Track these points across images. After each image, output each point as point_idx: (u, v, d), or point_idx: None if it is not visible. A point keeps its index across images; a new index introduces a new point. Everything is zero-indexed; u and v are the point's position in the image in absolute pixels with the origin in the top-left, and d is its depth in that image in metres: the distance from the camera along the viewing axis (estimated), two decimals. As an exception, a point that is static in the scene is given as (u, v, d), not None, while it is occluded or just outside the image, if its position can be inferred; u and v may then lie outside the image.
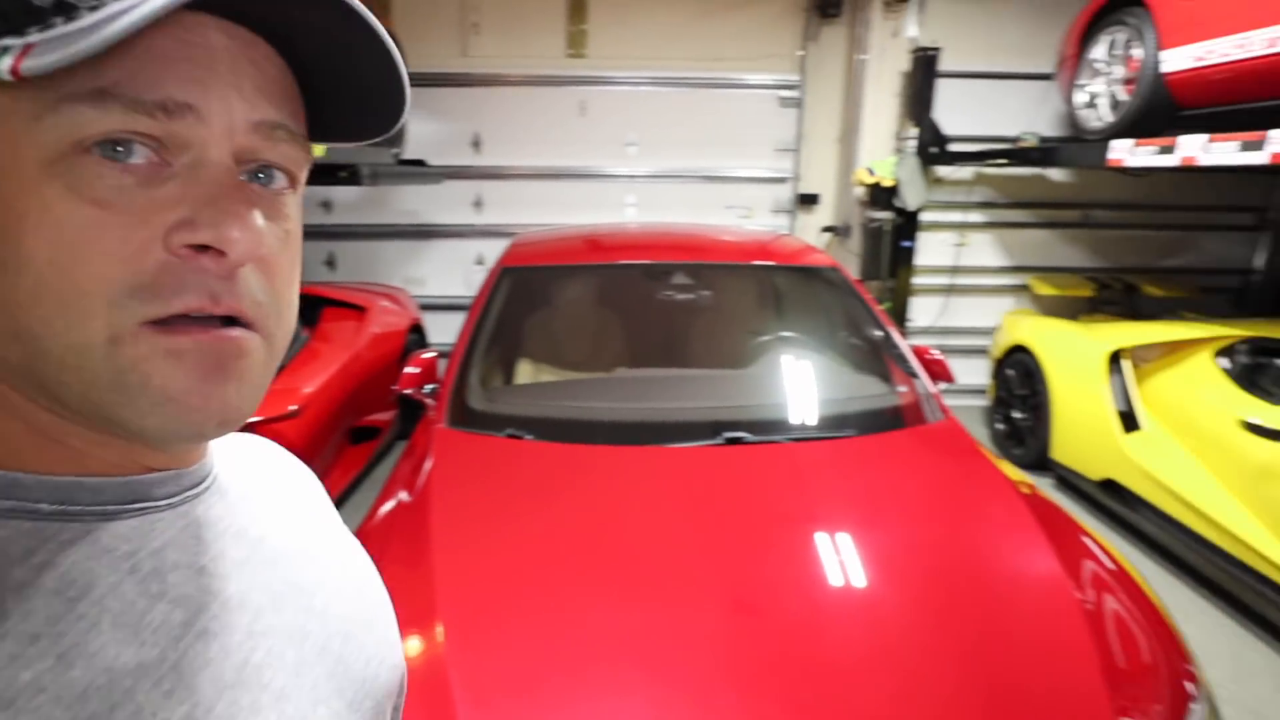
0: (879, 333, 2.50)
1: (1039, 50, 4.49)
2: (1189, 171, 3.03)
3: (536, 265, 2.77)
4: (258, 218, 0.36)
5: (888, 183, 4.50)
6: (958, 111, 4.67)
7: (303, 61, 0.39)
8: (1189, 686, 1.34)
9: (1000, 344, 4.28)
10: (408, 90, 0.40)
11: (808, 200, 5.07)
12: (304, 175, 0.41)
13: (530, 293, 2.73)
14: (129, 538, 0.38)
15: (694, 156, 4.94)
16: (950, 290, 5.03)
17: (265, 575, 0.44)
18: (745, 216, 5.04)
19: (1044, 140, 4.39)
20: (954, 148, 4.66)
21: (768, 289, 3.09)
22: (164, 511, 0.40)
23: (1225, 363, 3.09)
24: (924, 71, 4.52)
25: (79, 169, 0.32)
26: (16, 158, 0.32)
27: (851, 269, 4.92)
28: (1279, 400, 2.73)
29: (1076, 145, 3.87)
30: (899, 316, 4.89)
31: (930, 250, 4.98)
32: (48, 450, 0.37)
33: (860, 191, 4.82)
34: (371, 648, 0.49)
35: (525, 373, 2.53)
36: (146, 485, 0.39)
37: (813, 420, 2.17)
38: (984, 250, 5.02)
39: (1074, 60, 3.86)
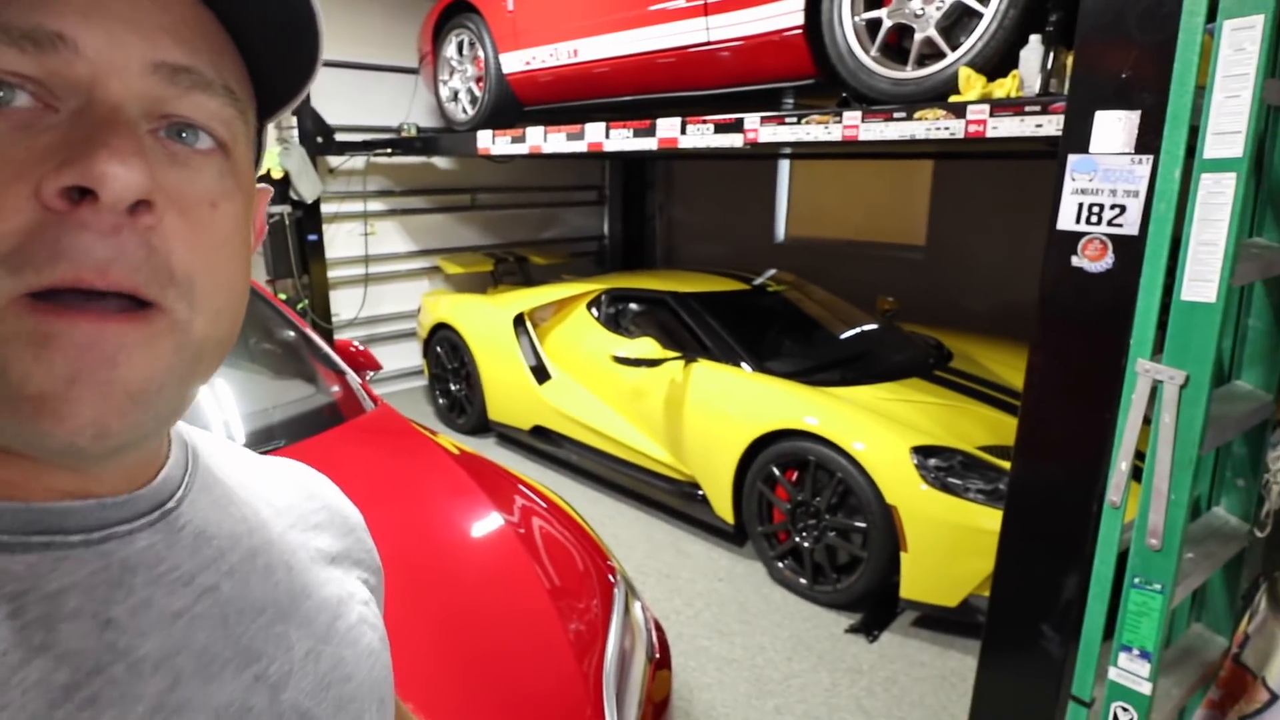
0: (292, 334, 2.35)
1: (402, 44, 4.75)
2: (539, 158, 3.59)
3: None
4: (154, 165, 0.30)
5: (277, 174, 4.25)
6: (339, 101, 4.64)
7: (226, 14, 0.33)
8: (610, 578, 1.63)
9: (424, 324, 4.51)
10: (321, 25, 0.35)
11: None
12: (242, 143, 0.35)
13: None
14: (20, 577, 0.31)
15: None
16: (368, 280, 5.07)
17: (204, 635, 0.36)
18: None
19: (422, 131, 4.69)
20: (341, 137, 4.64)
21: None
22: (76, 549, 0.33)
23: (595, 312, 3.82)
24: (295, 58, 4.35)
25: None
26: None
27: (256, 271, 4.54)
28: (634, 335, 3.50)
29: (451, 136, 4.22)
30: (322, 312, 4.73)
31: (341, 242, 4.92)
32: None
33: (252, 185, 4.45)
34: None
35: None
36: (56, 515, 0.33)
37: (242, 439, 1.94)
38: (392, 237, 5.18)
39: (432, 57, 4.18)
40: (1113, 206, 1.36)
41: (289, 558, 0.44)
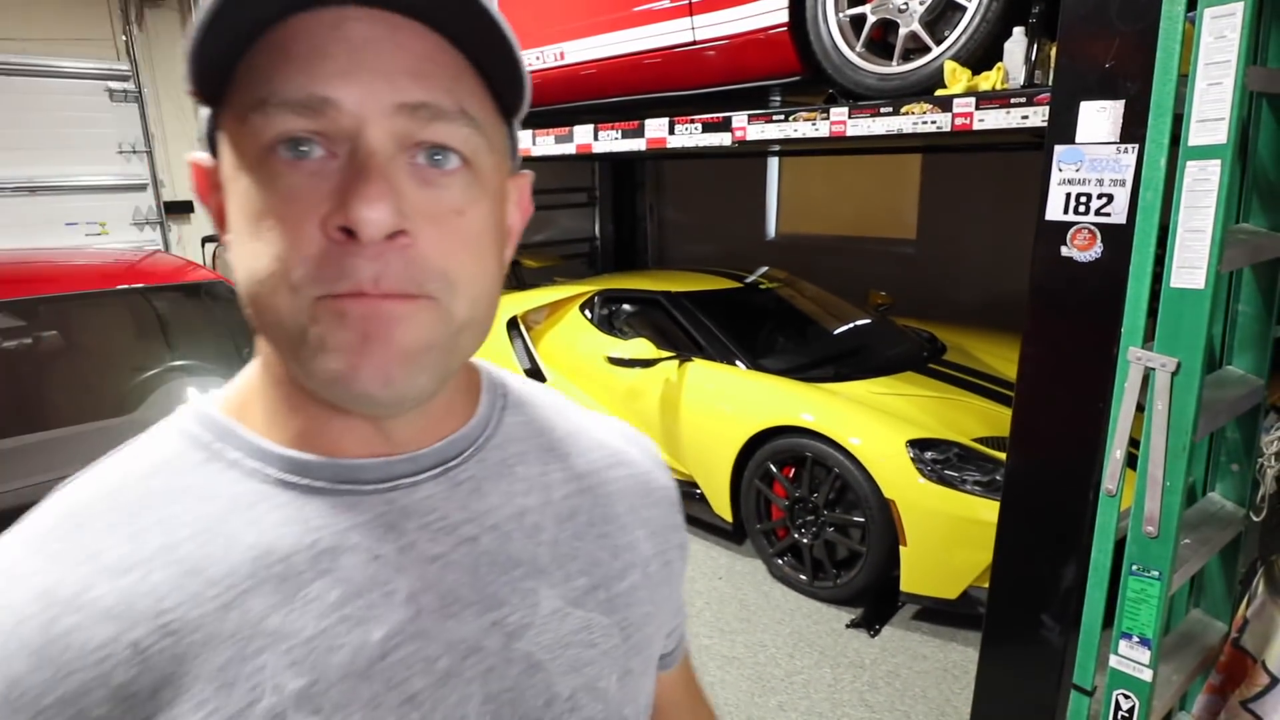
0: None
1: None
2: (528, 160, 3.58)
3: None
4: (404, 201, 0.37)
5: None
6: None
7: (463, 43, 0.39)
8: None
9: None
10: (523, 62, 0.41)
11: (179, 209, 4.46)
12: (483, 154, 0.40)
13: None
14: (325, 514, 0.41)
15: (15, 164, 3.85)
16: (362, 287, 5.06)
17: (452, 578, 0.43)
18: (98, 233, 4.17)
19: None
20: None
21: (147, 316, 2.64)
22: (368, 496, 0.43)
23: (589, 313, 3.82)
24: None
25: (268, 167, 0.37)
26: (240, 162, 0.38)
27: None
28: (628, 336, 3.50)
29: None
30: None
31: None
32: (311, 434, 0.43)
33: (241, 196, 4.45)
34: (565, 692, 0.45)
35: None
36: (356, 469, 0.43)
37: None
38: (384, 245, 5.17)
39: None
40: (1100, 196, 1.36)
41: (569, 520, 0.49)
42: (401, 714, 0.40)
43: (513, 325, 3.90)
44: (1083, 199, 1.38)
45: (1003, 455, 2.06)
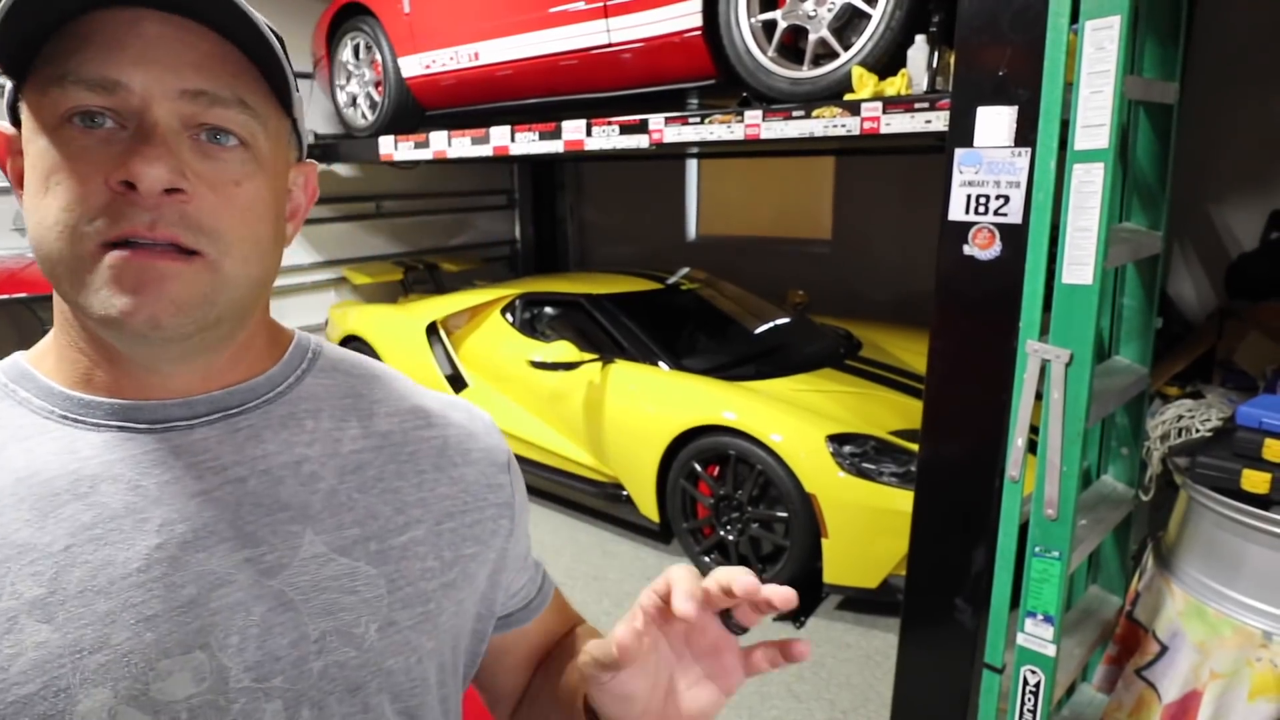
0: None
1: (294, 47, 4.55)
2: (444, 163, 3.51)
3: None
4: (186, 167, 0.44)
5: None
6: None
7: (245, 48, 0.46)
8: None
9: (333, 337, 4.34)
10: (287, 64, 0.48)
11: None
12: (261, 139, 0.47)
13: None
14: (97, 447, 0.47)
15: None
16: (273, 293, 4.85)
17: (211, 513, 0.47)
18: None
19: (320, 138, 4.52)
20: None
21: (31, 328, 2.47)
22: (141, 434, 0.48)
23: (510, 317, 3.77)
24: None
25: (63, 133, 0.43)
26: (38, 127, 0.44)
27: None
28: (550, 339, 3.47)
29: (352, 142, 4.09)
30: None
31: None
32: (93, 377, 0.48)
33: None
34: (313, 633, 0.48)
35: None
36: (132, 409, 0.48)
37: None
38: (294, 248, 4.97)
39: (327, 61, 4.03)
40: (998, 197, 1.43)
41: (353, 473, 0.53)
42: (135, 631, 0.44)
43: (432, 330, 3.82)
44: (982, 200, 1.45)
45: (916, 447, 2.14)
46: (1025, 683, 1.56)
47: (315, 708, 0.48)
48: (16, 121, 0.47)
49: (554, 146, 2.94)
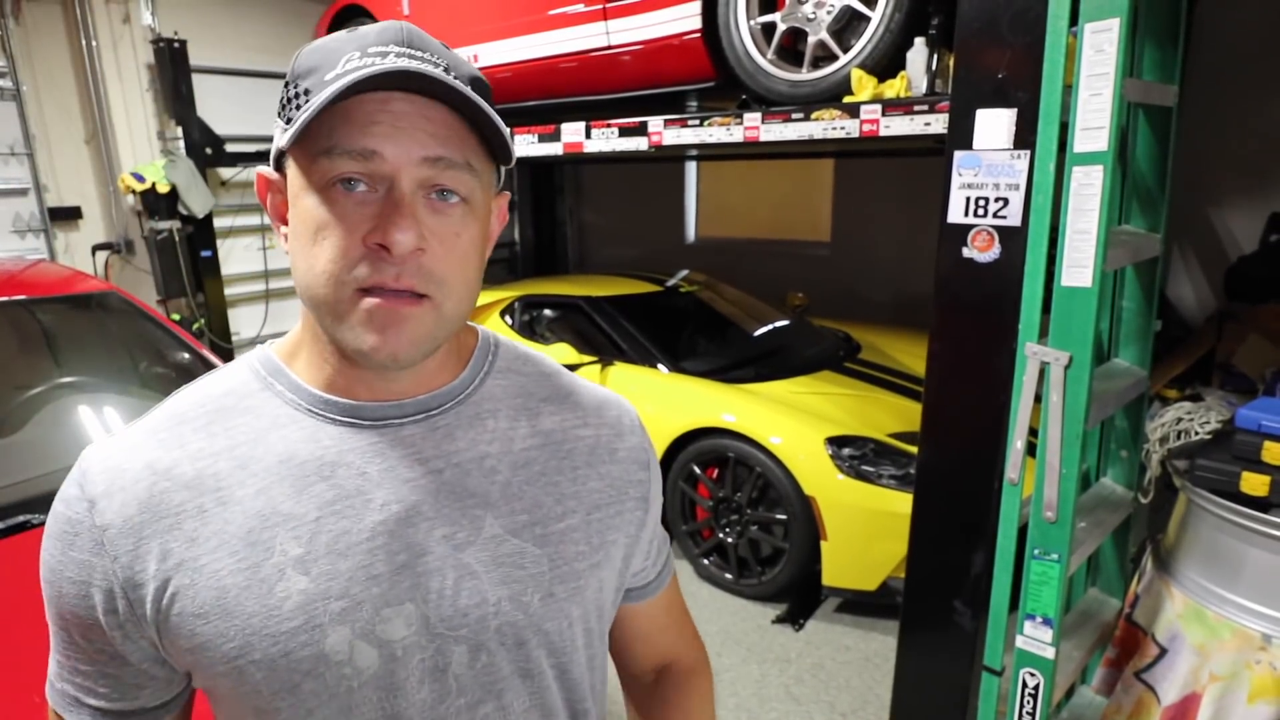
0: (186, 356, 2.23)
1: (295, 49, 4.56)
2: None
3: None
4: (422, 225, 0.54)
5: (164, 188, 4.01)
6: (229, 110, 4.43)
7: (468, 119, 0.56)
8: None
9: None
10: (507, 133, 0.57)
11: (66, 215, 4.17)
12: (477, 193, 0.57)
13: None
14: (335, 438, 0.59)
15: None
16: (269, 296, 4.85)
17: (417, 497, 0.59)
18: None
19: (322, 139, 4.52)
20: (232, 148, 4.42)
21: (30, 331, 2.44)
22: (365, 429, 0.60)
23: (509, 319, 3.77)
24: (173, 65, 4.12)
25: (328, 195, 0.54)
26: (307, 186, 0.54)
27: (146, 291, 4.28)
28: (549, 341, 3.47)
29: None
30: (220, 331, 4.50)
31: (238, 258, 4.69)
32: (335, 382, 0.60)
33: (133, 201, 4.19)
34: (493, 598, 0.60)
35: None
36: (357, 409, 0.60)
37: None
38: (294, 251, 4.97)
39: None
40: (997, 200, 1.43)
41: (523, 468, 0.63)
42: (365, 586, 0.56)
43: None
44: (981, 202, 1.45)
45: (915, 449, 2.13)
46: (1024, 685, 1.56)
47: (489, 654, 0.60)
48: (279, 168, 0.58)
49: (553, 149, 2.95)
